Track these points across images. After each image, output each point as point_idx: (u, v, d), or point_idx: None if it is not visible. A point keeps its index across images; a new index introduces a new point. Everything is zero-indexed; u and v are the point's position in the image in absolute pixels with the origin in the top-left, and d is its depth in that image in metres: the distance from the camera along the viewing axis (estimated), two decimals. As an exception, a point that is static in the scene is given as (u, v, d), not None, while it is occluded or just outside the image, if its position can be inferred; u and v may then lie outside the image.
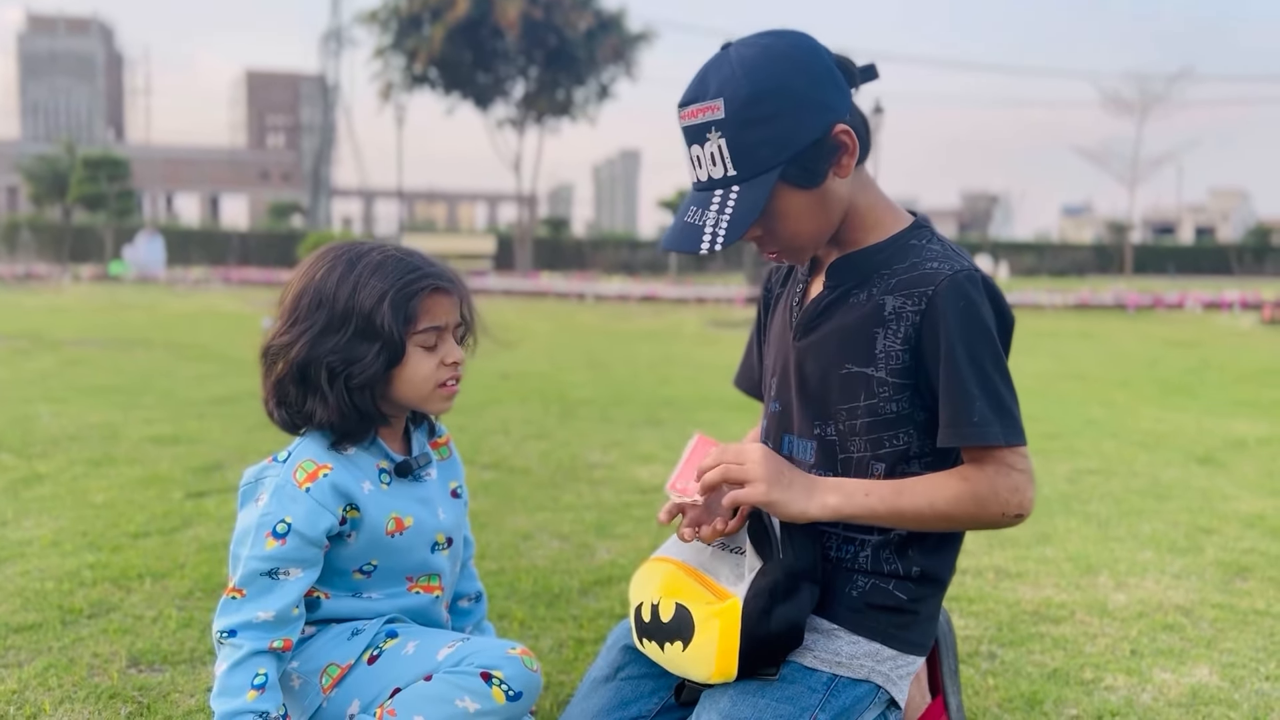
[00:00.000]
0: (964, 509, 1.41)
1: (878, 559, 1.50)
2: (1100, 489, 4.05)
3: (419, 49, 30.18)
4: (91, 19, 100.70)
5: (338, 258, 1.52)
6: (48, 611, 2.41)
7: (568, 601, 2.60)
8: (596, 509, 3.56)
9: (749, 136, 1.36)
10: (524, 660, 1.50)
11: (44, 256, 29.24)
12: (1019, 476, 1.41)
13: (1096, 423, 5.82)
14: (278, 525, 1.44)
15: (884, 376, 1.46)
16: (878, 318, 1.46)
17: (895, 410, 1.46)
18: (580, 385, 7.00)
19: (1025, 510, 1.43)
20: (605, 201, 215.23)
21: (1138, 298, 19.21)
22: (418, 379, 1.52)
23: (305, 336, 1.48)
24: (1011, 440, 1.40)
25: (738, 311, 16.73)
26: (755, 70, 1.36)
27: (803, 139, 1.37)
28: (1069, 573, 2.94)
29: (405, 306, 1.48)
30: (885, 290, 1.46)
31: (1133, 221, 39.96)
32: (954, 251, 1.49)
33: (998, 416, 1.39)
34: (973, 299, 1.41)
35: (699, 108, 1.38)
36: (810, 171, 1.40)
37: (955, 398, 1.40)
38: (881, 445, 1.48)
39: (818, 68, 1.39)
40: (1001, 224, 77.88)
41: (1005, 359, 1.44)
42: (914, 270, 1.45)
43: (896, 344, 1.44)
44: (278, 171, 74.40)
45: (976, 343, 1.40)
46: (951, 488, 1.41)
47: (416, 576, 1.60)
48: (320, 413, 1.48)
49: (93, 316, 12.59)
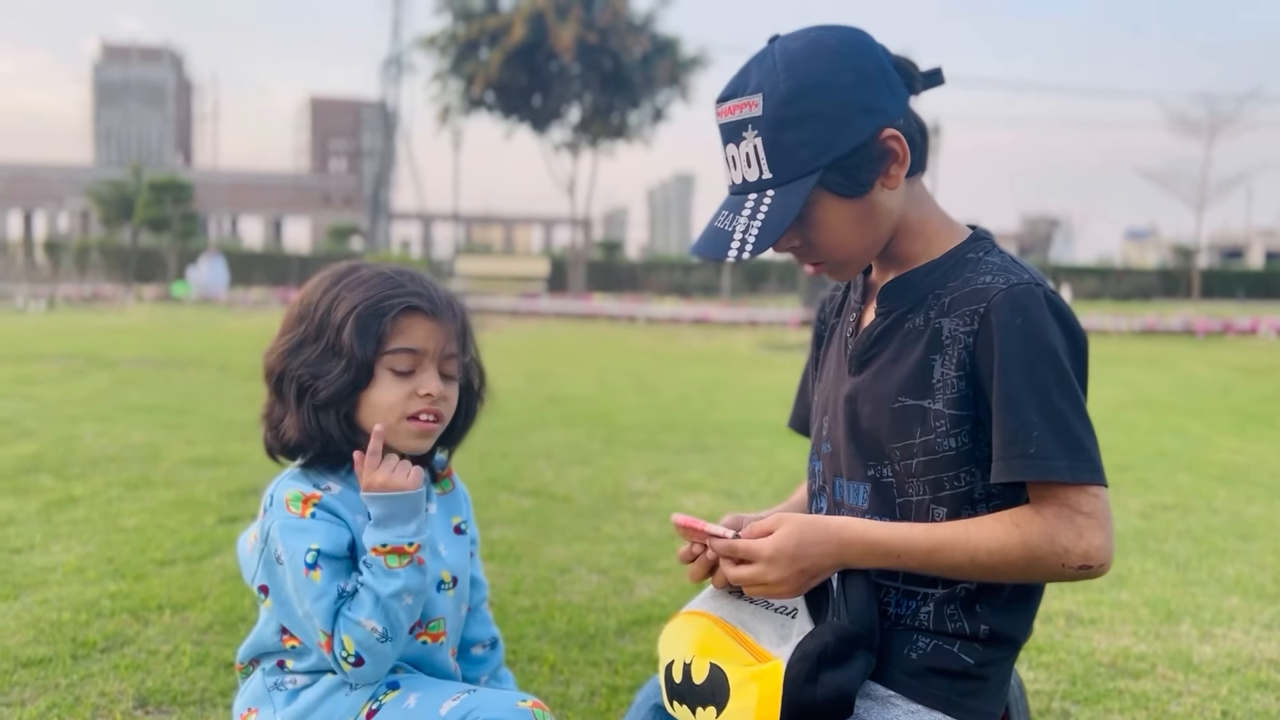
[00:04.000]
0: (1013, 562, 1.22)
1: (941, 616, 1.31)
2: (1177, 526, 3.79)
3: (476, 73, 30.50)
4: (163, 48, 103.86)
5: (336, 272, 1.42)
6: (60, 645, 2.31)
7: (603, 643, 2.44)
8: (638, 541, 3.40)
9: (787, 137, 1.22)
10: (535, 714, 1.34)
11: (111, 278, 29.92)
12: (1085, 521, 1.20)
13: (1169, 454, 5.52)
14: (307, 557, 1.33)
15: (941, 409, 1.28)
16: (934, 343, 1.29)
17: (955, 447, 1.28)
18: (628, 409, 6.85)
19: (1094, 561, 1.21)
20: (659, 224, 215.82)
21: (1207, 323, 18.58)
22: (383, 406, 1.37)
23: (284, 347, 1.38)
24: (1080, 478, 1.20)
25: (791, 334, 16.49)
26: (798, 65, 1.22)
27: (846, 143, 1.23)
28: (1147, 620, 2.71)
29: (375, 324, 1.35)
30: (940, 312, 1.29)
31: (1200, 245, 38.88)
32: (1015, 265, 1.30)
33: (1062, 448, 1.20)
34: (1032, 314, 1.23)
35: (736, 104, 1.25)
36: (854, 179, 1.25)
37: (1009, 423, 1.21)
38: (942, 487, 1.30)
39: (869, 65, 1.25)
40: (1062, 248, 76.50)
41: (1076, 384, 1.24)
42: (968, 286, 1.28)
43: (952, 371, 1.26)
44: (339, 195, 75.78)
45: (1036, 361, 1.21)
46: (997, 537, 1.22)
47: (425, 622, 1.45)
48: (290, 431, 1.37)
49: (151, 336, 12.76)
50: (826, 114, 1.22)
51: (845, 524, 1.30)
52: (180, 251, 31.10)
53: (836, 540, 1.28)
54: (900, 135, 1.25)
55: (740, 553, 1.27)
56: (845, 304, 1.49)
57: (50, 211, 67.64)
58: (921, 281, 1.33)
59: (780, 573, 1.25)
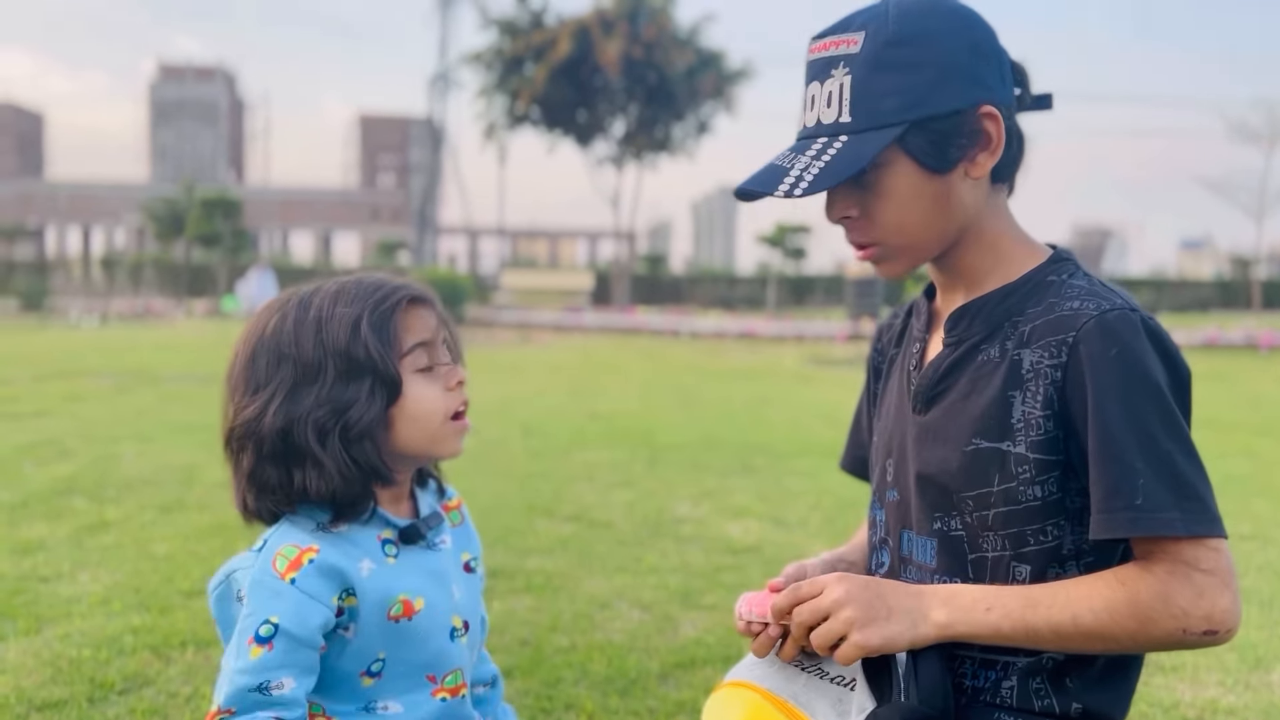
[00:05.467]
0: (1121, 624, 1.06)
1: (1025, 691, 1.15)
2: (1257, 559, 3.55)
3: (521, 89, 30.66)
4: (217, 67, 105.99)
5: (284, 305, 1.26)
6: (77, 686, 2.21)
7: (644, 689, 2.29)
8: (682, 572, 3.24)
9: (878, 82, 1.11)
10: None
11: (164, 293, 30.47)
12: (1205, 580, 1.04)
13: (1240, 478, 5.24)
14: (260, 628, 1.16)
15: (1024, 453, 1.12)
16: (1013, 378, 1.13)
17: (1040, 496, 1.12)
18: (671, 427, 6.70)
19: (1219, 626, 1.05)
20: (704, 237, 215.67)
21: (1271, 336, 17.99)
22: (426, 412, 1.24)
23: (276, 399, 1.21)
24: (1195, 530, 1.04)
25: (838, 349, 16.23)
26: (911, 14, 1.13)
27: (941, 104, 1.11)
28: (1234, 667, 2.50)
29: (386, 327, 1.22)
30: (1020, 342, 1.14)
31: (1260, 256, 37.87)
32: (1104, 289, 1.15)
33: (1174, 497, 1.04)
34: (1129, 344, 1.08)
35: (834, 39, 1.15)
36: (939, 149, 1.12)
37: (1110, 471, 1.06)
38: (1024, 542, 1.14)
39: (985, 41, 1.15)
40: (1116, 259, 75.13)
41: (1184, 423, 1.09)
42: (1051, 313, 1.12)
43: (1037, 410, 1.11)
44: (387, 210, 76.63)
45: (1137, 398, 1.06)
46: (1102, 595, 1.06)
47: (440, 676, 1.30)
48: (315, 483, 1.20)
49: (199, 352, 12.86)
50: (928, 67, 1.11)
51: (923, 585, 1.16)
52: (230, 266, 31.54)
53: (914, 587, 1.13)
54: (1000, 118, 1.12)
55: (805, 593, 1.12)
56: (906, 333, 1.34)
57: (108, 228, 69.22)
58: (996, 307, 1.18)
59: (847, 591, 1.10)
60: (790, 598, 1.13)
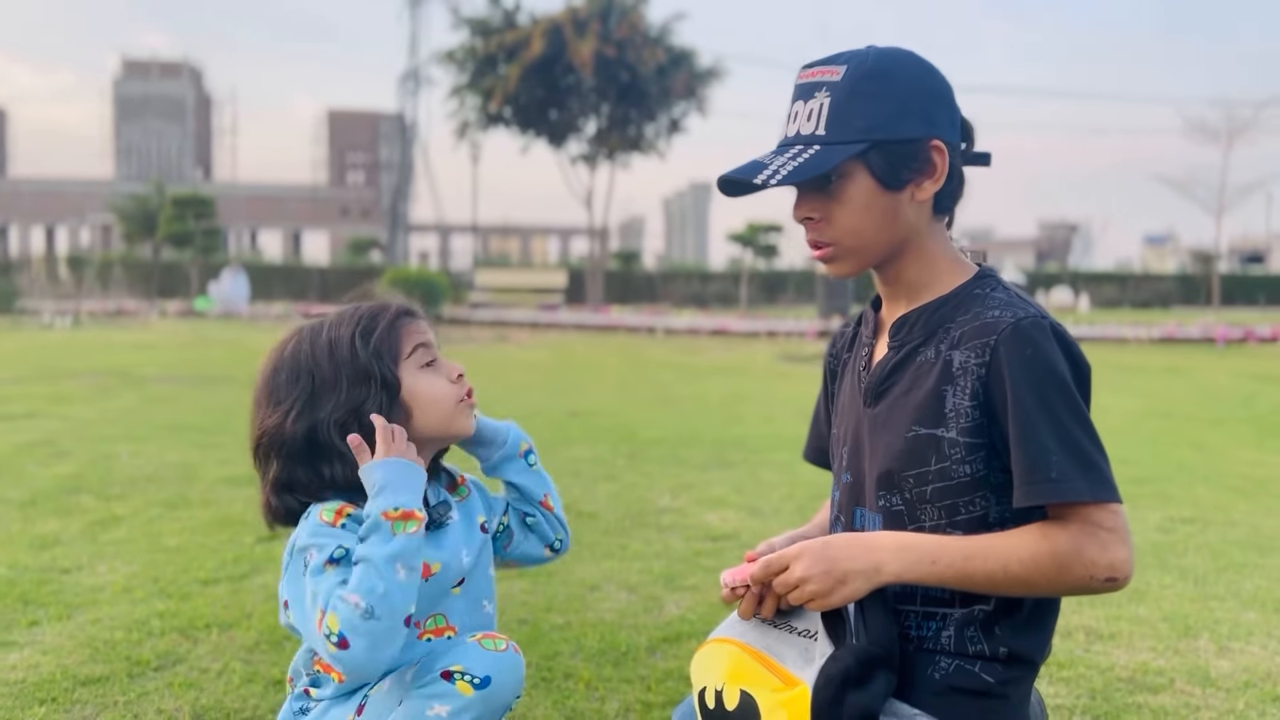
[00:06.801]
0: (1043, 572, 1.30)
1: (962, 638, 1.40)
2: (1196, 540, 3.84)
3: (495, 88, 30.72)
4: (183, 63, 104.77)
5: (299, 331, 1.55)
6: (115, 663, 2.41)
7: (635, 660, 2.52)
8: (665, 558, 3.48)
9: (852, 105, 1.36)
10: (483, 644, 1.43)
11: (134, 293, 30.25)
12: (1108, 536, 1.30)
13: (1188, 466, 5.55)
14: (334, 551, 1.40)
15: (955, 437, 1.37)
16: (946, 375, 1.38)
17: (970, 473, 1.37)
18: (650, 423, 6.94)
19: (1118, 574, 1.31)
20: (676, 234, 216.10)
21: (1227, 331, 18.50)
22: (438, 398, 1.52)
23: (296, 406, 1.47)
24: (1099, 496, 1.29)
25: (809, 345, 16.54)
26: (885, 58, 1.39)
27: (899, 131, 1.36)
28: (1166, 635, 2.77)
29: (386, 338, 1.50)
30: (951, 345, 1.39)
31: (1220, 252, 38.66)
32: (1020, 300, 1.40)
33: (1080, 469, 1.29)
34: (1040, 345, 1.32)
35: (821, 69, 1.40)
36: (893, 169, 1.37)
37: (1029, 452, 1.30)
38: (958, 512, 1.39)
39: (942, 90, 1.40)
40: (1081, 254, 76.11)
41: (1085, 409, 1.34)
42: (977, 320, 1.37)
43: (965, 401, 1.35)
44: (357, 208, 76.29)
45: (1047, 390, 1.31)
46: (1028, 547, 1.31)
47: (424, 622, 1.54)
48: (342, 472, 1.46)
49: (178, 352, 12.94)
50: (893, 100, 1.36)
51: (875, 533, 1.41)
52: (203, 266, 31.40)
53: (866, 542, 1.37)
54: (945, 153, 1.37)
55: (775, 564, 1.36)
56: (857, 339, 1.59)
57: (72, 226, 68.44)
58: (932, 316, 1.43)
59: (807, 567, 1.33)
60: (762, 568, 1.37)
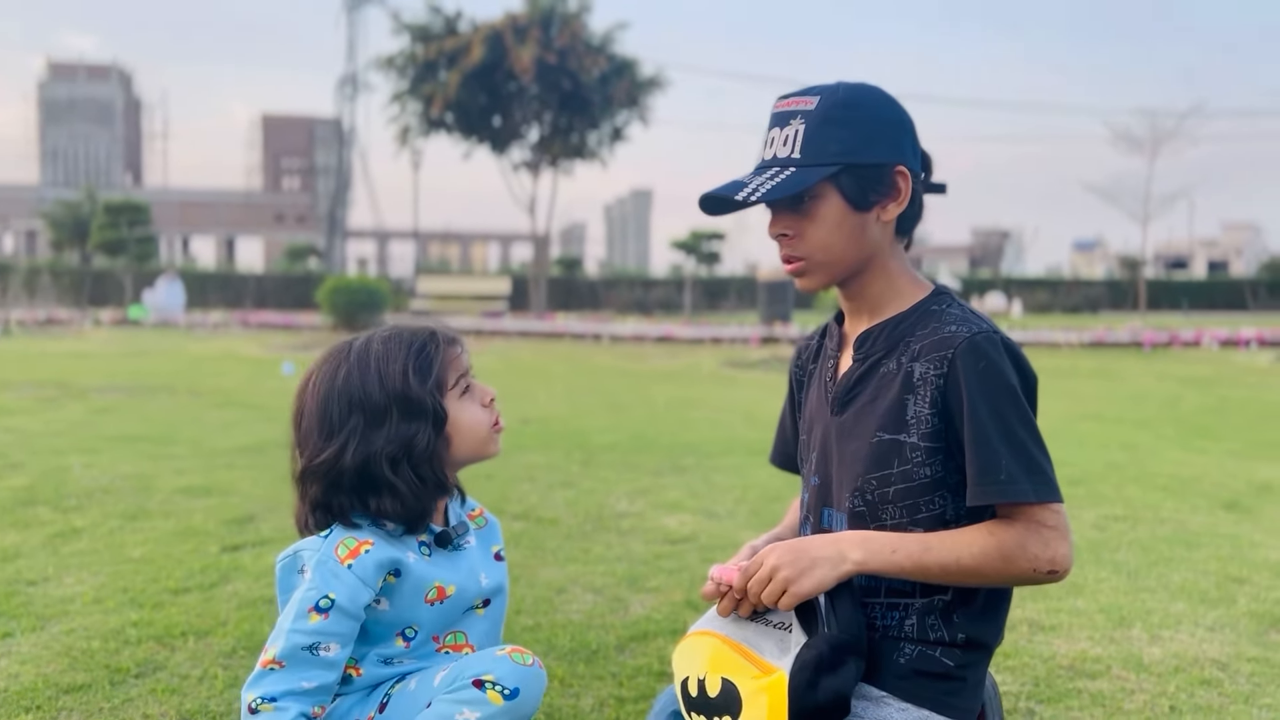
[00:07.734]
0: (992, 564, 1.44)
1: (923, 626, 1.53)
2: (1128, 536, 4.05)
3: (435, 94, 30.53)
4: (111, 66, 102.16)
5: (343, 358, 1.59)
6: (96, 671, 2.45)
7: (605, 658, 2.63)
8: (627, 561, 3.59)
9: (825, 131, 1.49)
10: (513, 657, 1.53)
11: (63, 301, 29.50)
12: (1050, 533, 1.44)
13: (1119, 466, 5.82)
14: (321, 600, 1.48)
15: (916, 442, 1.50)
16: (907, 385, 1.51)
17: (929, 475, 1.51)
18: (601, 430, 7.04)
19: (1059, 567, 1.45)
20: (617, 240, 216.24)
21: (1153, 335, 19.15)
22: (473, 426, 1.61)
23: (354, 439, 1.54)
24: (1043, 497, 1.43)
25: (753, 351, 16.77)
26: (856, 91, 1.53)
27: (868, 156, 1.50)
28: (1102, 625, 2.95)
29: (431, 373, 1.57)
30: (911, 358, 1.52)
31: (1145, 258, 39.92)
32: (974, 316, 1.55)
33: (1026, 473, 1.43)
34: (993, 358, 1.46)
35: (797, 99, 1.53)
36: (861, 191, 1.50)
37: (981, 455, 1.44)
38: (918, 511, 1.52)
39: (907, 124, 1.55)
40: (1014, 260, 77.82)
41: (1032, 417, 1.48)
42: (935, 334, 1.51)
43: (925, 409, 1.49)
44: (293, 214, 75.18)
45: (999, 400, 1.45)
46: (978, 543, 1.44)
47: (443, 636, 1.64)
48: (391, 505, 1.55)
49: (116, 362, 12.71)
50: (863, 128, 1.50)
51: (842, 531, 1.54)
52: (136, 274, 30.75)
53: (833, 535, 1.50)
54: (909, 178, 1.51)
55: (751, 569, 1.48)
56: (822, 351, 1.72)
57: (-4, 233, 66.42)
58: (894, 331, 1.57)
59: (779, 557, 1.45)
60: (742, 577, 1.49)
